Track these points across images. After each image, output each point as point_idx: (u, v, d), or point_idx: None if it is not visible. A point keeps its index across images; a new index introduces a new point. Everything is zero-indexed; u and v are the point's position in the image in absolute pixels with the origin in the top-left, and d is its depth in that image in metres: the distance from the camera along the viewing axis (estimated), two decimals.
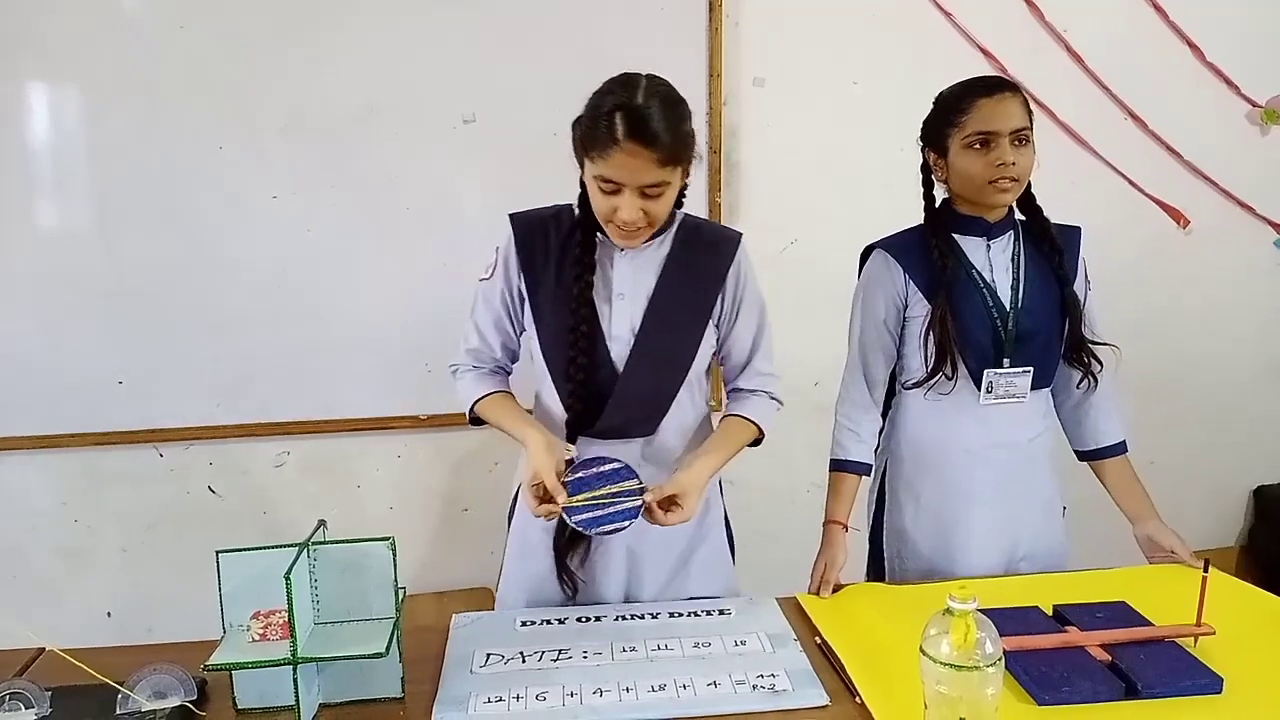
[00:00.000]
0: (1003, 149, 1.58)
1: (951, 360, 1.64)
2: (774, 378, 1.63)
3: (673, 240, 1.53)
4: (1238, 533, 3.26)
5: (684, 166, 1.41)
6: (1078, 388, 1.73)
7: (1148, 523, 1.72)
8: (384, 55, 2.44)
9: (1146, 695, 1.23)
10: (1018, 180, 1.60)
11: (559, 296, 1.49)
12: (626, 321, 1.50)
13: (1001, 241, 1.70)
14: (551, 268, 1.51)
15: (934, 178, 1.72)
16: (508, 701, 1.26)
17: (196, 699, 1.25)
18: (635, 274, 1.51)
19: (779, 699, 1.26)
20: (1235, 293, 3.05)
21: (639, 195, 1.36)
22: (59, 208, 2.44)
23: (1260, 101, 2.89)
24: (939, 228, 1.71)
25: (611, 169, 1.34)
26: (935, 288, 1.66)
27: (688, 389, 1.56)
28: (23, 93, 2.36)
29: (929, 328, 1.66)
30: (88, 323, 2.44)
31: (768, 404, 1.61)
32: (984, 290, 1.67)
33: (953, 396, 1.69)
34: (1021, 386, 1.68)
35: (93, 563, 2.57)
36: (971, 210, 1.68)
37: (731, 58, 2.60)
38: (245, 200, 2.45)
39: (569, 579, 1.54)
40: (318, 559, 1.28)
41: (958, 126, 1.62)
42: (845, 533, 1.71)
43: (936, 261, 1.66)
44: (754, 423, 1.58)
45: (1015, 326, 1.66)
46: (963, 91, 1.64)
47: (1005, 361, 1.66)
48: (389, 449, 2.65)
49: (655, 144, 1.32)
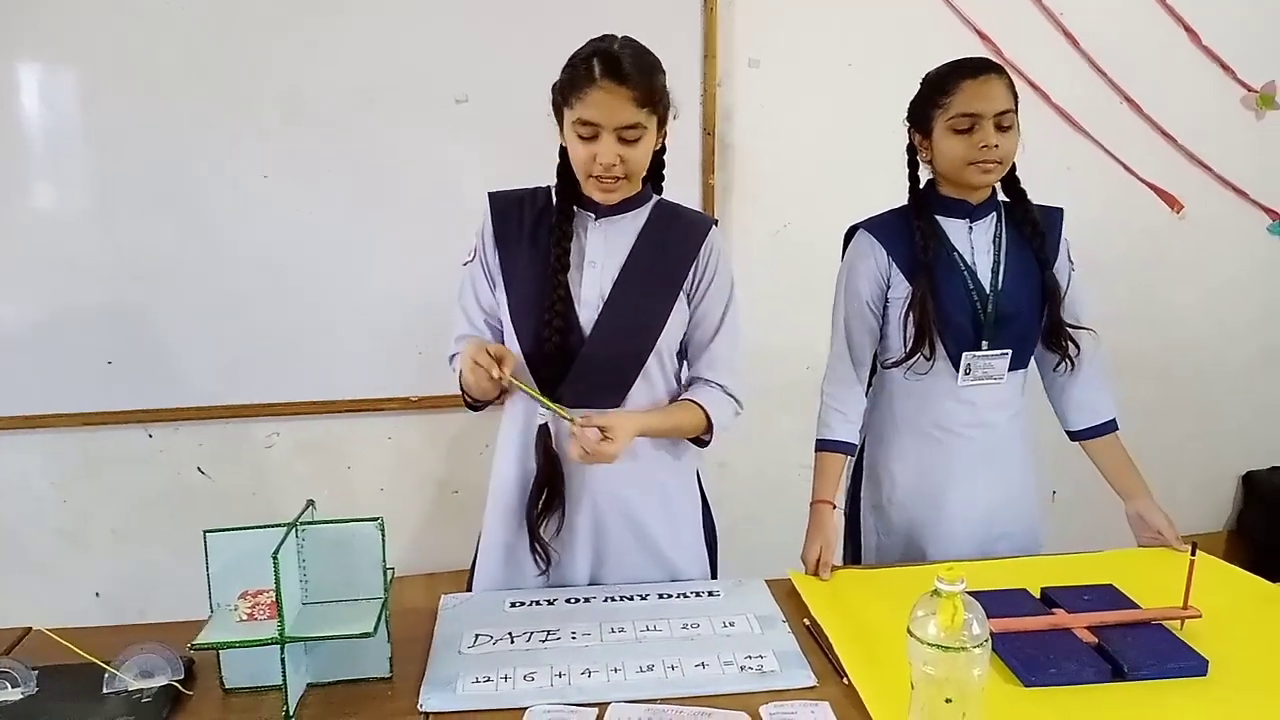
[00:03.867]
0: (986, 131, 1.59)
1: (930, 342, 1.65)
2: (736, 373, 1.60)
3: (648, 215, 1.56)
4: (1227, 517, 3.28)
5: (659, 116, 1.46)
6: (1054, 371, 1.75)
7: (1139, 500, 1.72)
8: (379, 37, 2.43)
9: (1133, 677, 1.24)
10: (1000, 163, 1.61)
11: (532, 264, 1.52)
12: (596, 288, 1.51)
13: (984, 224, 1.71)
14: (525, 239, 1.54)
15: (919, 158, 1.73)
16: (496, 682, 1.26)
17: (184, 678, 1.25)
18: (608, 243, 1.53)
19: (767, 680, 1.26)
20: (1228, 278, 3.05)
21: (616, 139, 1.41)
22: (54, 190, 2.41)
23: (1256, 86, 2.89)
24: (922, 209, 1.71)
25: (589, 109, 1.40)
26: (916, 269, 1.67)
27: (658, 362, 1.56)
28: (20, 75, 2.33)
29: (909, 309, 1.67)
30: (80, 303, 2.42)
31: (724, 400, 1.58)
32: (965, 272, 1.68)
33: (931, 377, 1.70)
34: (999, 368, 1.69)
35: (83, 544, 2.57)
36: (954, 192, 1.69)
37: (726, 38, 2.59)
38: (239, 182, 2.43)
39: (541, 549, 1.54)
40: (306, 539, 1.28)
41: (942, 108, 1.63)
42: (834, 512, 1.71)
43: (918, 243, 1.67)
44: (704, 409, 1.55)
45: (995, 309, 1.67)
46: (948, 72, 1.64)
47: (984, 344, 1.67)
48: (380, 430, 2.65)
49: (629, 82, 1.38)
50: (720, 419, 1.57)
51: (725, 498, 1.73)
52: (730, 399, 1.59)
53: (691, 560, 1.65)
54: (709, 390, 1.58)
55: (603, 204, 1.51)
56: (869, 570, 1.72)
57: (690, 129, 2.56)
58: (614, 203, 1.51)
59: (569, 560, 1.58)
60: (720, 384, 1.58)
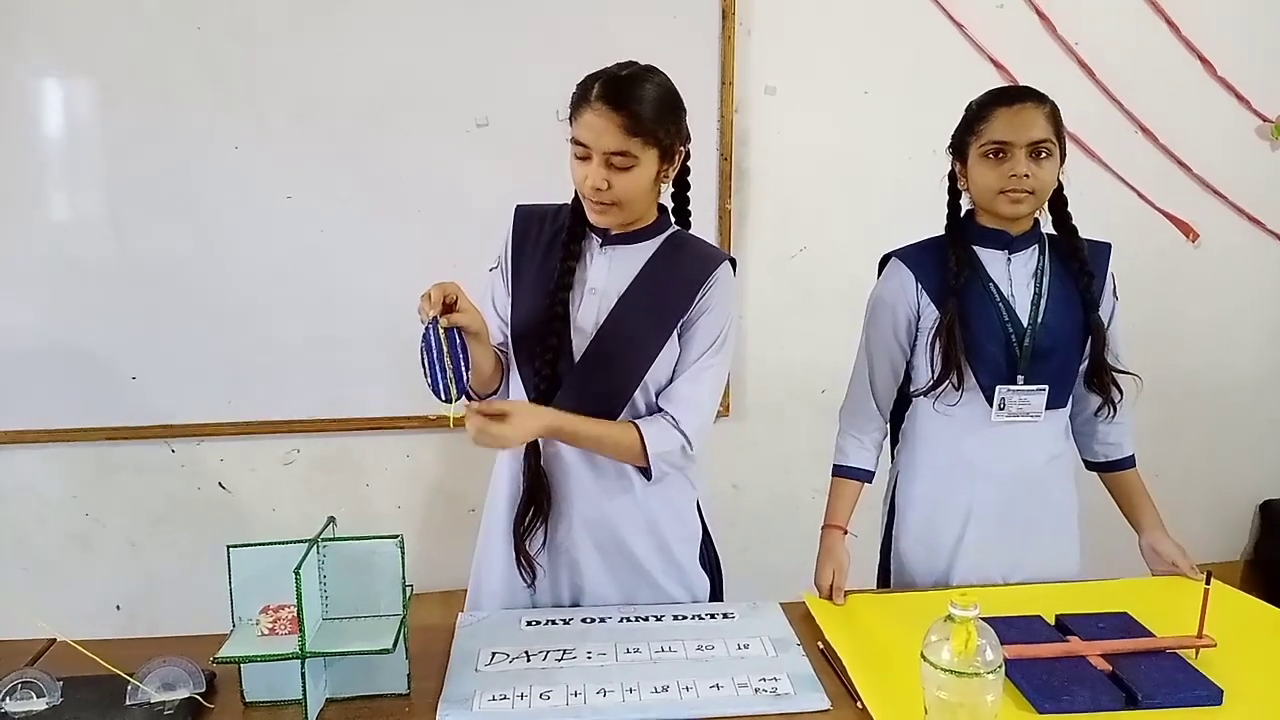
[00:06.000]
0: (1016, 160, 1.57)
1: (958, 370, 1.63)
2: (696, 413, 1.49)
3: (658, 247, 1.54)
4: (1243, 547, 3.25)
5: (659, 149, 1.43)
6: (1096, 414, 1.72)
7: (1152, 533, 1.72)
8: (397, 55, 2.46)
9: (1146, 706, 1.24)
10: (1033, 193, 1.59)
11: (538, 283, 1.52)
12: (593, 315, 1.50)
13: (1023, 256, 1.68)
14: (539, 256, 1.54)
15: (959, 187, 1.71)
16: (512, 700, 1.27)
17: (205, 691, 1.27)
18: (611, 272, 1.52)
19: (781, 702, 1.27)
20: (1244, 306, 3.05)
21: (605, 164, 1.40)
22: (72, 202, 2.46)
23: (1270, 116, 2.90)
24: (959, 238, 1.70)
25: (582, 129, 1.40)
26: (946, 296, 1.65)
27: (645, 398, 1.52)
28: (37, 86, 2.38)
29: (936, 334, 1.65)
30: (100, 317, 2.46)
31: (669, 431, 1.48)
32: (999, 304, 1.65)
33: (965, 412, 1.67)
34: (1036, 405, 1.65)
35: (102, 555, 2.60)
36: (992, 222, 1.67)
37: (743, 65, 2.62)
38: (258, 197, 2.47)
39: (527, 564, 1.55)
40: (327, 555, 1.30)
41: (976, 135, 1.62)
42: (845, 537, 1.71)
43: (951, 269, 1.65)
44: (638, 431, 1.46)
45: (1032, 343, 1.63)
46: (986, 101, 1.64)
47: (1019, 378, 1.64)
48: (398, 448, 2.67)
49: (621, 109, 1.37)
50: (658, 446, 1.47)
51: (738, 519, 1.74)
52: (678, 433, 1.48)
53: (687, 590, 1.62)
54: (656, 419, 1.50)
55: (599, 226, 1.50)
56: (883, 594, 1.71)
57: (707, 155, 2.59)
58: (607, 225, 1.49)
59: (552, 577, 1.58)
60: (672, 416, 1.49)
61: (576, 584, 1.59)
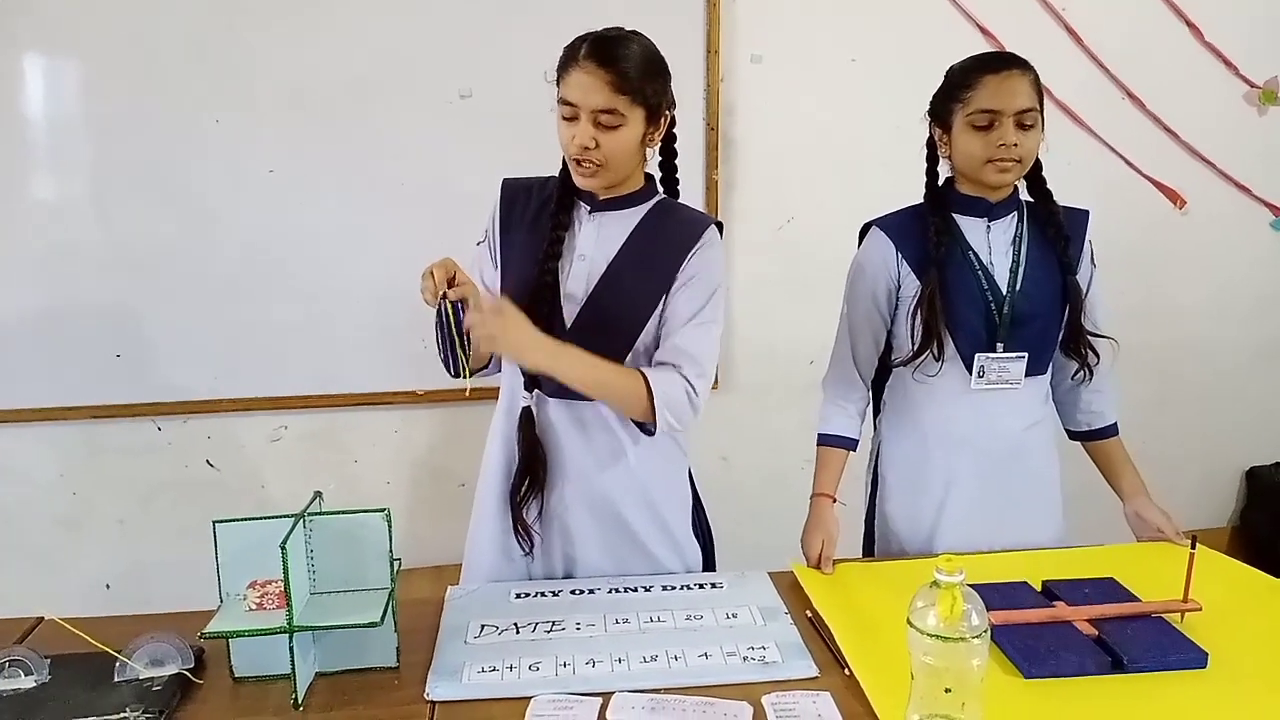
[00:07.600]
0: (1005, 129, 1.56)
1: (939, 339, 1.62)
2: (699, 367, 1.48)
3: (645, 213, 1.54)
4: (1230, 513, 3.29)
5: (645, 109, 1.44)
6: (1073, 379, 1.72)
7: (1136, 499, 1.72)
8: (381, 30, 2.44)
9: (1132, 669, 1.25)
10: (1019, 161, 1.58)
11: (526, 252, 1.52)
12: (582, 282, 1.51)
13: (1003, 223, 1.68)
14: (526, 227, 1.55)
15: (939, 154, 1.70)
16: (501, 671, 1.27)
17: (193, 667, 1.26)
18: (600, 238, 1.52)
19: (769, 670, 1.28)
20: (1231, 274, 3.06)
21: (592, 122, 1.40)
22: (57, 181, 2.44)
23: (1258, 82, 2.89)
24: (938, 206, 1.69)
25: (570, 88, 1.41)
26: (926, 265, 1.65)
27: (636, 363, 1.52)
28: (20, 65, 2.35)
29: (917, 305, 1.65)
30: (86, 296, 2.44)
31: (676, 379, 1.46)
32: (979, 272, 1.65)
33: (944, 380, 1.67)
34: (1015, 372, 1.66)
35: (90, 535, 2.59)
36: (973, 190, 1.66)
37: (729, 34, 2.59)
38: (242, 174, 2.45)
39: (524, 532, 1.56)
40: (314, 530, 1.29)
41: (962, 103, 1.60)
42: (834, 505, 1.71)
43: (931, 239, 1.65)
44: (644, 377, 1.45)
45: (1010, 310, 1.64)
46: (971, 67, 1.62)
47: (998, 346, 1.64)
48: (386, 424, 2.67)
49: (609, 65, 1.38)
50: (666, 393, 1.45)
51: (728, 492, 1.74)
52: (684, 380, 1.46)
53: (679, 559, 1.63)
54: (661, 367, 1.48)
55: (585, 189, 1.50)
56: (870, 563, 1.72)
57: (693, 124, 2.57)
58: (593, 188, 1.50)
59: (546, 547, 1.59)
60: (676, 365, 1.47)
61: (570, 554, 1.59)
